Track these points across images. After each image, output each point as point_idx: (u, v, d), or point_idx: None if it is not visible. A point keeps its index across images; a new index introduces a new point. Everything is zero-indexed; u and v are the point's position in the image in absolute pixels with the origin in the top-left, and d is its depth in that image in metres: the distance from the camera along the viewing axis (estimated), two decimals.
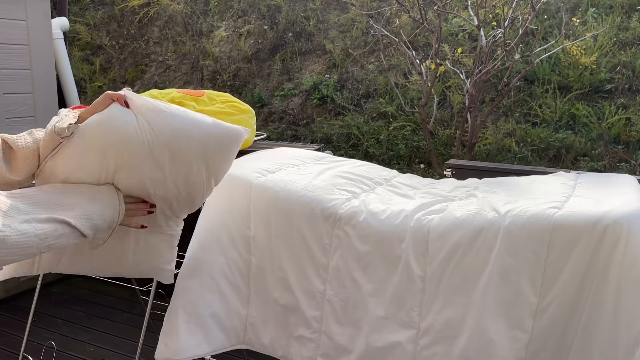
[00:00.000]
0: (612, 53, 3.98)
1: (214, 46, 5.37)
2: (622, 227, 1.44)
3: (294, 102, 4.81)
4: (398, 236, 1.68)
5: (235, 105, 2.83)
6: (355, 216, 1.75)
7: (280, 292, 1.90)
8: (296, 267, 1.85)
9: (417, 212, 1.72)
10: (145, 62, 5.64)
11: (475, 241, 1.59)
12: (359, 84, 4.63)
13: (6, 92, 3.35)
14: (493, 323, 1.57)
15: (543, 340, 1.54)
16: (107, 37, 5.94)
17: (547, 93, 4.00)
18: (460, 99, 4.14)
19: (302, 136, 4.61)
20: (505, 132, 3.99)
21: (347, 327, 1.77)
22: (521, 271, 1.54)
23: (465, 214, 1.64)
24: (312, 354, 1.84)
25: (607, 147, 3.67)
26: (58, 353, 2.67)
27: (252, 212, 1.91)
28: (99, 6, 6.20)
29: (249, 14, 5.41)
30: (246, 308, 1.98)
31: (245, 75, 5.13)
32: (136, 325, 2.99)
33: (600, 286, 1.47)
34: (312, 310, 1.83)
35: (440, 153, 4.04)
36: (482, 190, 1.89)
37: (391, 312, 1.70)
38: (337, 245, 1.78)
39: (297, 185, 1.86)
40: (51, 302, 3.40)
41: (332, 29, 4.99)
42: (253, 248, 1.94)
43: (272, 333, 1.92)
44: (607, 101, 3.86)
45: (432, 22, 4.23)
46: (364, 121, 4.39)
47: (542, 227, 1.52)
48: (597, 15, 4.16)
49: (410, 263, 1.66)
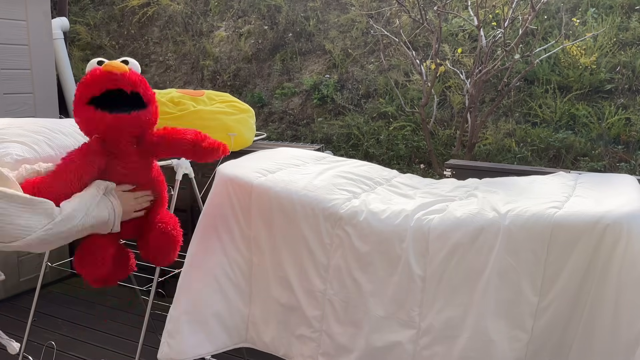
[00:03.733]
0: (612, 53, 3.98)
1: (214, 46, 5.37)
2: (622, 227, 1.44)
3: (294, 102, 4.81)
4: (398, 236, 1.68)
5: (235, 105, 2.83)
6: (355, 216, 1.75)
7: (280, 291, 1.90)
8: (297, 267, 1.86)
9: (417, 212, 1.72)
10: (146, 62, 5.64)
11: (476, 241, 1.59)
12: (359, 84, 4.63)
13: (6, 92, 3.35)
14: (493, 323, 1.57)
15: (543, 340, 1.54)
16: (107, 37, 5.94)
17: (547, 93, 4.00)
18: (460, 99, 4.14)
19: (302, 136, 4.61)
20: (505, 132, 3.99)
21: (348, 327, 1.78)
22: (521, 271, 1.54)
23: (466, 213, 1.64)
24: (312, 353, 1.84)
25: (607, 147, 3.67)
26: (58, 353, 2.67)
27: (252, 212, 1.91)
28: (99, 6, 6.20)
29: (249, 14, 5.41)
30: (248, 307, 1.99)
31: (246, 76, 5.13)
32: (136, 325, 2.99)
33: (601, 286, 1.48)
34: (312, 310, 1.84)
35: (440, 153, 4.04)
36: (482, 190, 1.89)
37: (391, 312, 1.70)
38: (338, 245, 1.78)
39: (297, 185, 1.87)
40: (51, 302, 3.40)
41: (332, 29, 4.99)
42: (254, 247, 1.95)
43: (274, 332, 1.93)
44: (607, 101, 3.86)
45: (432, 22, 4.23)
46: (364, 121, 4.39)
47: (542, 227, 1.52)
48: (597, 16, 4.17)
49: (410, 263, 1.66)
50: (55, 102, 3.67)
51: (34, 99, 3.51)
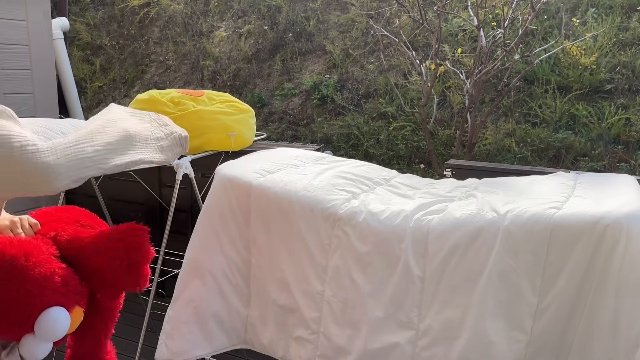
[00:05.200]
0: (612, 53, 3.98)
1: (214, 46, 5.37)
2: (622, 227, 1.43)
3: (294, 102, 4.81)
4: (397, 236, 1.68)
5: (235, 105, 2.83)
6: (354, 216, 1.75)
7: (279, 292, 1.89)
8: (295, 268, 1.85)
9: (416, 212, 1.72)
10: (146, 62, 5.64)
11: (475, 241, 1.58)
12: (359, 84, 4.63)
13: (6, 92, 3.35)
14: (492, 324, 1.56)
15: (543, 341, 1.54)
16: (107, 37, 5.95)
17: (547, 93, 4.00)
18: (460, 99, 4.14)
19: (302, 136, 4.61)
20: (505, 132, 3.99)
21: (346, 328, 1.77)
22: (521, 271, 1.54)
23: (465, 214, 1.63)
24: (310, 355, 1.84)
25: (606, 147, 3.67)
26: (58, 353, 2.67)
27: (251, 212, 1.91)
28: (99, 6, 6.20)
29: (249, 14, 5.41)
30: (247, 308, 1.98)
31: (246, 76, 5.13)
32: (136, 325, 2.98)
33: (600, 286, 1.47)
34: (310, 312, 1.83)
35: (440, 153, 4.04)
36: (481, 190, 1.88)
37: (390, 313, 1.70)
38: (337, 246, 1.78)
39: (296, 185, 1.86)
40: None
41: (332, 29, 4.99)
42: (253, 248, 1.94)
43: (272, 333, 1.92)
44: (607, 101, 3.85)
45: (432, 23, 4.23)
46: (364, 121, 4.39)
47: (541, 227, 1.51)
48: (597, 16, 4.16)
49: (409, 263, 1.66)
50: (55, 102, 3.67)
51: (34, 99, 3.50)
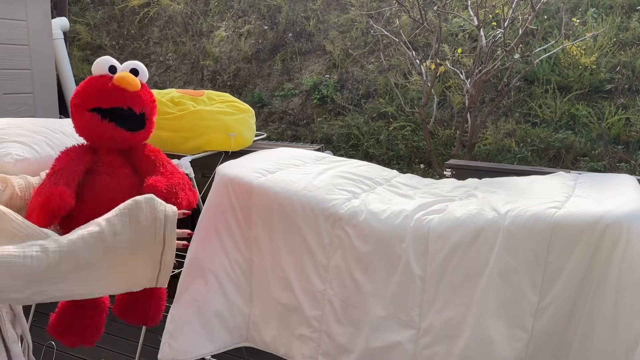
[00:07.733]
0: (612, 53, 3.98)
1: (214, 46, 5.37)
2: (622, 227, 1.44)
3: (294, 102, 4.81)
4: (398, 236, 1.68)
5: (235, 105, 2.83)
6: (355, 216, 1.75)
7: (281, 291, 1.90)
8: (296, 267, 1.86)
9: (417, 212, 1.72)
10: (146, 62, 5.64)
11: (476, 241, 1.59)
12: (359, 84, 4.64)
13: (6, 92, 3.35)
14: (493, 323, 1.57)
15: (543, 340, 1.54)
16: (107, 37, 5.95)
17: (547, 93, 4.00)
18: (460, 99, 4.15)
19: (302, 136, 4.62)
20: (505, 132, 3.99)
21: (347, 327, 1.77)
22: (521, 271, 1.54)
23: (466, 214, 1.64)
24: (312, 353, 1.84)
25: (607, 147, 3.67)
26: (58, 353, 2.67)
27: (252, 212, 1.91)
28: (99, 6, 6.20)
29: (249, 14, 5.41)
30: (249, 306, 1.99)
31: (246, 76, 5.14)
32: (136, 325, 2.98)
33: (600, 286, 1.48)
34: (312, 310, 1.84)
35: (440, 153, 4.05)
36: (482, 190, 1.89)
37: (391, 312, 1.70)
38: (338, 245, 1.78)
39: (297, 185, 1.86)
40: (51, 302, 3.39)
41: (332, 29, 4.99)
42: (254, 247, 1.95)
43: (274, 331, 1.93)
44: (607, 101, 3.86)
45: (432, 22, 4.23)
46: (364, 121, 4.40)
47: (542, 227, 1.52)
48: (597, 16, 4.17)
49: (410, 263, 1.66)
50: (55, 102, 3.67)
51: (34, 99, 3.51)
